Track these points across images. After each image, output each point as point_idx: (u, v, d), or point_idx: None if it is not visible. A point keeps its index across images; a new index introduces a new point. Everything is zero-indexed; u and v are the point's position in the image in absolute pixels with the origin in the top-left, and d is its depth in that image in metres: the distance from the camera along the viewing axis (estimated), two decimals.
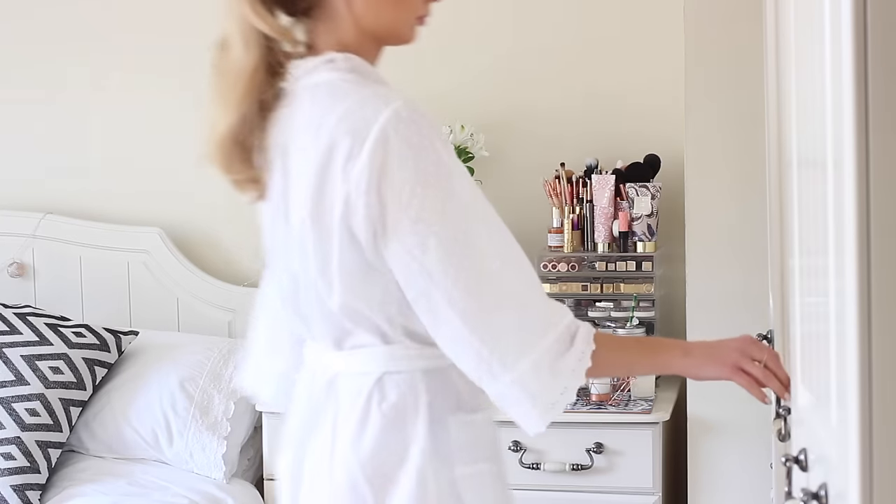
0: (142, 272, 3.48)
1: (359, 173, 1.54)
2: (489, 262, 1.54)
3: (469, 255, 1.54)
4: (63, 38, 3.58)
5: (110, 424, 3.11)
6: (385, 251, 1.56)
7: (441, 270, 1.53)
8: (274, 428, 3.04)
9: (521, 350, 1.54)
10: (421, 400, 1.64)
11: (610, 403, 2.88)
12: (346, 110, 1.57)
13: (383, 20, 1.66)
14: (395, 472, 1.63)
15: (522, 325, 1.54)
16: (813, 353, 1.38)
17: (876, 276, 1.07)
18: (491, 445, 1.71)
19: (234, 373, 3.15)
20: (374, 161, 1.53)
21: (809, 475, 1.37)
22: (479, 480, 1.67)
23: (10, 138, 3.62)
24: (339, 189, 1.56)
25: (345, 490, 1.64)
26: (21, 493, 2.90)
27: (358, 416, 1.64)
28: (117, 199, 3.57)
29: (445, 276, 1.53)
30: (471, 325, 1.54)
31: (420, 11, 1.68)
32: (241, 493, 3.04)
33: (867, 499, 1.07)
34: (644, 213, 3.07)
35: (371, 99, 1.57)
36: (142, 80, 3.55)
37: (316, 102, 1.62)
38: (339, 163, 1.56)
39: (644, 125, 3.25)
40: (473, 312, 1.54)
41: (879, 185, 1.06)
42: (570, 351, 1.55)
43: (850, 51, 1.06)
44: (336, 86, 1.62)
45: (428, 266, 1.54)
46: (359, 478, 1.63)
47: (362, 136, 1.54)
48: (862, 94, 1.06)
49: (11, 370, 3.05)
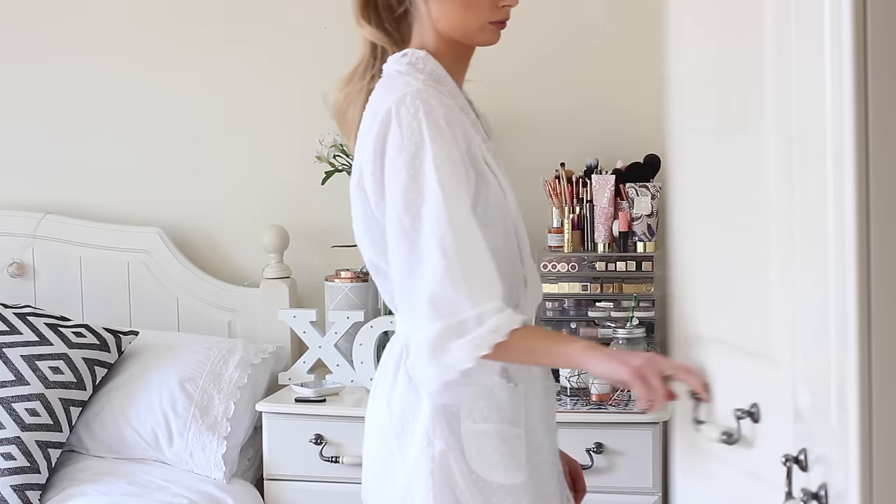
0: (142, 272, 3.47)
1: (370, 145, 1.82)
2: (425, 242, 1.75)
3: (410, 231, 1.77)
4: (64, 37, 3.58)
5: (110, 424, 3.11)
6: (383, 214, 1.82)
7: (391, 238, 1.80)
8: (274, 428, 3.04)
9: (427, 319, 1.75)
10: None
11: (610, 403, 2.88)
12: (379, 95, 1.86)
13: (455, 24, 1.89)
14: (412, 423, 1.86)
15: (432, 302, 1.74)
16: (812, 354, 1.38)
17: (875, 277, 1.07)
18: (508, 410, 1.87)
19: (233, 372, 3.16)
20: (378, 135, 1.80)
21: (809, 475, 1.37)
22: (486, 438, 1.84)
23: (10, 138, 3.62)
24: (361, 159, 1.84)
25: (378, 434, 1.94)
26: (21, 493, 2.90)
27: (391, 371, 1.91)
28: (117, 199, 3.57)
29: (392, 244, 1.79)
30: (398, 289, 1.81)
31: (494, 16, 1.89)
32: (241, 493, 3.04)
33: (867, 498, 1.07)
34: (644, 213, 3.07)
35: (397, 86, 1.83)
36: (142, 81, 3.55)
37: (375, 90, 1.90)
38: (364, 137, 1.84)
39: (644, 125, 3.24)
40: (399, 280, 1.80)
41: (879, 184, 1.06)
42: (463, 338, 1.73)
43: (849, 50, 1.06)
44: (390, 76, 1.89)
45: (387, 231, 1.80)
46: (387, 425, 1.90)
47: (378, 115, 1.82)
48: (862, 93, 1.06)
49: (11, 370, 3.04)
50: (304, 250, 3.48)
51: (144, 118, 3.56)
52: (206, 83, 3.53)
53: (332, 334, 3.19)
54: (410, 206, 1.77)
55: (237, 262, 3.53)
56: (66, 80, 3.59)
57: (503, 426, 1.86)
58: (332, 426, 3.00)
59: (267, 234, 3.37)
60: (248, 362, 3.19)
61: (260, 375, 3.21)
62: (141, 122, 3.56)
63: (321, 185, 3.26)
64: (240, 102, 3.52)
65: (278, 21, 3.48)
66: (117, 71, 3.56)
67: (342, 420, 3.00)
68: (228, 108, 3.52)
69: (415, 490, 1.85)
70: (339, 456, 2.98)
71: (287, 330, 3.34)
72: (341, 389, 3.13)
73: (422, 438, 1.85)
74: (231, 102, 3.52)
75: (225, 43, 3.51)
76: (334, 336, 3.19)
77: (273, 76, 3.49)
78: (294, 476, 3.03)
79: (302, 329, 3.23)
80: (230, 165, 3.53)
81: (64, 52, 3.58)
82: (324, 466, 2.99)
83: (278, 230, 3.37)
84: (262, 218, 3.44)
